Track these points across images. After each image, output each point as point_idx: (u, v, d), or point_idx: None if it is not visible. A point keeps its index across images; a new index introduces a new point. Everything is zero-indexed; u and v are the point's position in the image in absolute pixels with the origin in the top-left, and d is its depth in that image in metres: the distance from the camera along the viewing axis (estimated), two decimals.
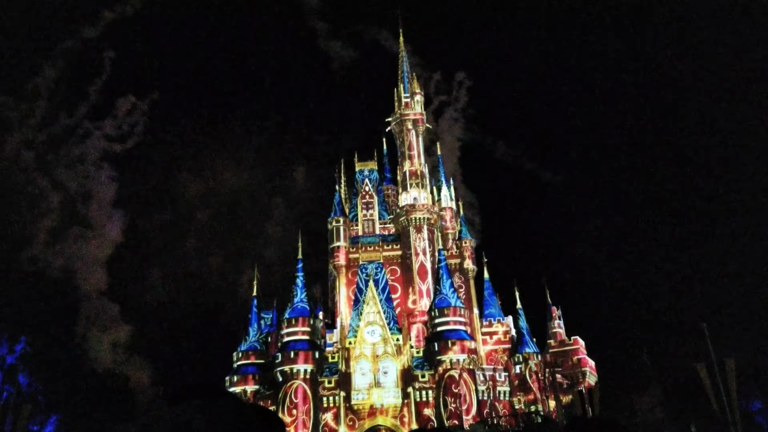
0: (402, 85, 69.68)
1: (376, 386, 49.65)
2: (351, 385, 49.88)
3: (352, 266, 61.14)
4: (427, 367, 51.07)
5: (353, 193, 67.99)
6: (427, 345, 52.49)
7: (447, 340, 50.66)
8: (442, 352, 50.44)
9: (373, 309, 52.52)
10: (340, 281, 61.18)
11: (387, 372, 50.23)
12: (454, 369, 49.79)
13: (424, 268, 60.05)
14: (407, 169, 64.44)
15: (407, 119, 67.02)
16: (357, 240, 63.11)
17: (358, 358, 50.74)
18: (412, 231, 61.42)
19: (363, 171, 68.60)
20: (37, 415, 42.64)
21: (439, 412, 48.87)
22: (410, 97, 68.47)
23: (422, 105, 69.31)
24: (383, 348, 50.94)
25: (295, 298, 54.15)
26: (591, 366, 58.08)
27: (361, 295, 55.10)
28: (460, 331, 52.01)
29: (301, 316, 52.71)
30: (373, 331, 51.60)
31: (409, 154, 65.41)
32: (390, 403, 49.20)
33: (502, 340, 59.24)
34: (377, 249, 62.11)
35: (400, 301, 59.39)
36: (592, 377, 57.30)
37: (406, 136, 66.42)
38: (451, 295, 53.78)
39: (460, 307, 53.35)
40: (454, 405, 48.69)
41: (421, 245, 60.84)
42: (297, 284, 55.13)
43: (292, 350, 50.79)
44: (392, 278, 60.53)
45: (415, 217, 61.72)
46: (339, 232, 62.66)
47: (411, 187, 63.31)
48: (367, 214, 65.40)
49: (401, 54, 72.66)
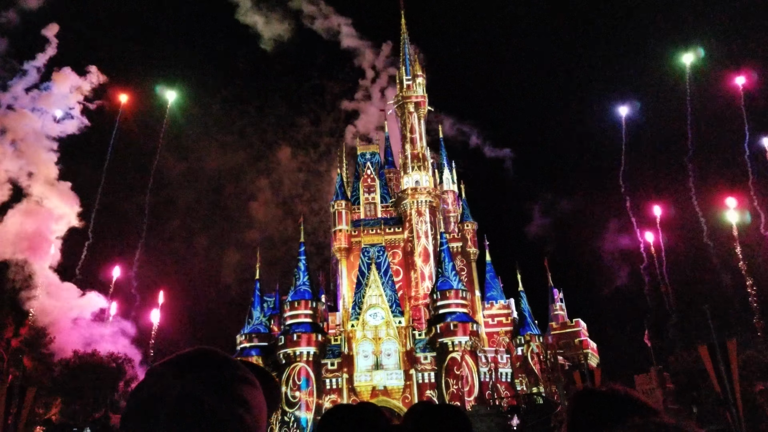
0: (404, 68, 69.23)
1: (378, 368, 49.96)
2: (354, 367, 50.22)
3: (354, 249, 61.22)
4: (429, 349, 51.35)
5: (355, 177, 67.83)
6: (429, 327, 52.73)
7: (449, 322, 50.89)
8: (444, 334, 50.69)
9: (376, 292, 52.70)
10: (343, 264, 61.30)
11: (389, 354, 50.53)
12: (456, 351, 50.06)
13: (426, 251, 60.11)
14: (409, 152, 64.23)
15: (409, 102, 66.69)
16: (359, 223, 63.11)
17: (360, 340, 51.01)
18: (413, 214, 61.40)
19: (365, 154, 68.38)
20: (42, 398, 42.86)
21: (441, 394, 49.24)
22: (412, 79, 68.07)
23: (424, 87, 68.91)
24: (385, 330, 51.19)
25: (298, 281, 54.36)
26: (593, 348, 58.43)
27: (363, 278, 55.24)
28: (462, 313, 52.23)
29: (303, 299, 52.94)
30: (376, 314, 51.82)
31: (411, 137, 65.17)
32: (392, 385, 49.55)
33: (503, 323, 59.47)
34: (379, 232, 62.14)
35: (402, 284, 59.54)
36: (594, 359, 57.62)
37: (408, 119, 66.13)
38: (453, 278, 53.91)
39: (462, 290, 53.50)
40: (456, 386, 49.03)
41: (423, 228, 60.84)
42: (299, 267, 55.30)
43: (295, 333, 51.08)
44: (394, 261, 60.62)
45: (417, 200, 61.66)
46: (341, 215, 62.67)
47: (413, 170, 63.15)
48: (368, 197, 65.32)
49: (403, 37, 72.11)
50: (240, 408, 1.42)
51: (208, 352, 1.52)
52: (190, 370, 1.45)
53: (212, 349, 1.54)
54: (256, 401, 1.48)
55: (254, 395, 1.48)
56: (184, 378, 1.42)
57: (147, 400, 1.40)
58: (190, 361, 1.49)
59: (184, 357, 1.50)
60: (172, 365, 1.48)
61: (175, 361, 1.49)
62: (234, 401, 1.43)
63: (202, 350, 1.53)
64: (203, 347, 1.55)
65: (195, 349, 1.54)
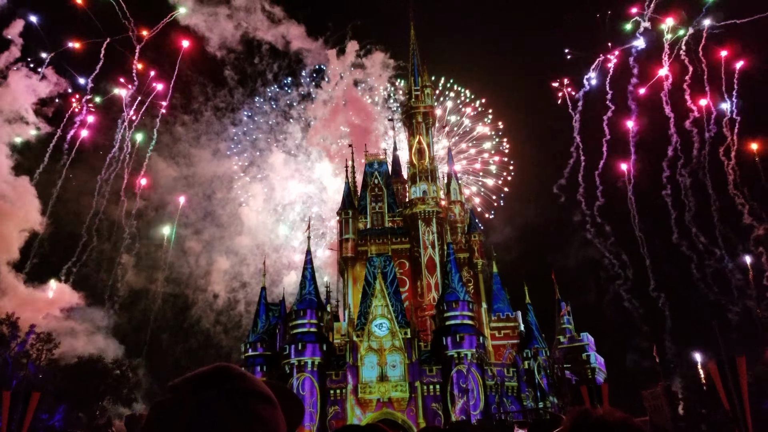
0: (412, 78, 69.32)
1: (383, 380, 49.57)
2: (359, 378, 49.85)
3: (361, 259, 61.01)
4: (435, 361, 50.92)
5: (362, 186, 67.75)
6: (435, 339, 52.34)
7: (455, 334, 50.48)
8: (450, 346, 50.29)
9: (382, 302, 52.39)
10: (349, 274, 61.10)
11: (395, 366, 50.13)
12: (462, 363, 49.64)
13: (433, 261, 59.84)
14: (416, 162, 64.14)
15: (417, 112, 66.68)
16: (366, 233, 62.95)
17: (366, 351, 50.67)
18: (420, 224, 61.20)
19: (372, 164, 68.31)
20: (46, 403, 42.88)
21: (447, 407, 48.77)
22: (420, 90, 68.11)
23: (432, 98, 68.98)
24: (391, 342, 50.83)
25: (304, 290, 54.15)
26: (600, 363, 57.81)
27: (369, 288, 54.95)
28: (469, 325, 51.83)
29: (309, 308, 52.71)
30: (381, 325, 51.49)
31: (419, 147, 65.10)
32: (397, 396, 49.13)
33: (510, 335, 59.01)
34: (386, 242, 61.94)
35: (409, 294, 59.24)
36: (601, 374, 57.03)
37: (416, 129, 66.11)
38: (460, 289, 53.57)
39: (468, 302, 53.13)
40: (462, 400, 48.56)
41: (430, 238, 60.61)
42: (306, 276, 55.11)
43: (300, 342, 50.82)
44: (401, 271, 60.33)
45: (424, 210, 61.48)
46: (348, 224, 62.55)
47: (420, 180, 63.03)
48: (375, 206, 65.17)
49: (412, 47, 72.26)
50: (255, 423, 1.48)
51: (226, 368, 1.59)
52: (207, 386, 1.52)
53: (230, 366, 1.60)
54: (272, 418, 1.53)
55: (270, 412, 1.54)
56: (201, 392, 1.49)
57: (165, 413, 1.47)
58: (208, 376, 1.55)
59: (203, 373, 1.58)
60: (191, 381, 1.55)
61: (194, 376, 1.56)
62: (249, 416, 1.49)
63: (220, 367, 1.60)
64: (222, 364, 1.63)
65: (214, 365, 1.61)
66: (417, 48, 72.24)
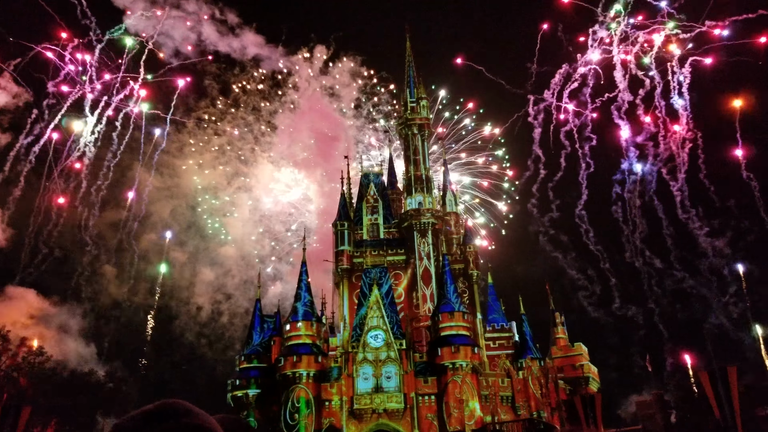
0: (408, 90, 69.81)
1: (378, 391, 49.60)
2: (354, 389, 49.87)
3: (356, 270, 61.14)
4: (430, 372, 51.02)
5: (358, 197, 68.00)
6: (431, 350, 52.45)
7: (450, 345, 50.62)
8: (445, 357, 50.40)
9: (377, 314, 52.52)
10: (344, 285, 61.21)
11: (390, 377, 50.18)
12: (457, 374, 49.74)
13: (428, 272, 60.03)
14: (412, 174, 64.50)
15: (413, 124, 67.12)
16: (361, 244, 63.12)
17: (361, 362, 50.72)
18: (416, 235, 61.45)
19: (368, 175, 68.66)
20: (36, 417, 42.74)
21: (442, 417, 48.83)
22: (416, 102, 68.59)
23: (428, 110, 69.49)
24: (386, 353, 50.92)
25: (299, 302, 54.23)
26: (594, 372, 58.01)
27: (364, 299, 55.07)
28: (464, 336, 52.00)
29: (304, 320, 52.79)
30: (377, 336, 51.59)
31: (415, 159, 65.47)
32: (393, 407, 49.15)
33: (505, 346, 59.17)
34: (381, 253, 62.10)
35: (404, 305, 59.36)
36: (595, 384, 57.21)
37: (412, 141, 66.51)
38: (455, 300, 53.77)
39: (463, 312, 53.32)
40: (457, 410, 48.63)
41: (425, 250, 60.84)
42: (301, 288, 55.22)
43: (295, 354, 50.86)
44: (396, 283, 60.47)
45: (420, 222, 61.75)
46: (343, 236, 62.74)
47: (416, 192, 63.33)
48: (371, 218, 65.41)
49: (408, 59, 72.80)
50: None
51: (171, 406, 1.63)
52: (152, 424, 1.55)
53: (176, 402, 1.65)
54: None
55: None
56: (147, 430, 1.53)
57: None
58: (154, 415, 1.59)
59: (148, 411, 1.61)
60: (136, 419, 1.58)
61: (139, 414, 1.60)
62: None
63: (166, 404, 1.64)
64: (167, 401, 1.67)
65: (160, 402, 1.65)
66: (413, 60, 72.79)
